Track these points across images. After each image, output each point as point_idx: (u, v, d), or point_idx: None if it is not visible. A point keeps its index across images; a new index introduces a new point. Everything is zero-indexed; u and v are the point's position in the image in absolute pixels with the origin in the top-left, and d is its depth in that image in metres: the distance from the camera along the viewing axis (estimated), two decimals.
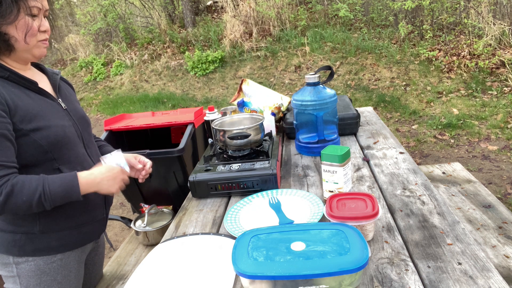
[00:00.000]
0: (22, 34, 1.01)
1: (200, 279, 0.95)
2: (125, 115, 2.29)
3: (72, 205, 1.13)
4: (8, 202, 0.96)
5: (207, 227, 1.20)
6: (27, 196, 0.97)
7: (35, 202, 0.98)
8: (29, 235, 1.09)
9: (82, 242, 1.21)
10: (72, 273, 1.20)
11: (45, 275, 1.14)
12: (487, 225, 1.77)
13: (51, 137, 1.06)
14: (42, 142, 1.04)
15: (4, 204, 0.95)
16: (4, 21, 0.98)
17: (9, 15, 0.98)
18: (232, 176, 1.35)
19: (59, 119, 1.10)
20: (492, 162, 3.27)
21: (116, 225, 3.09)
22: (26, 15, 1.01)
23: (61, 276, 1.17)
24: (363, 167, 1.48)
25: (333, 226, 0.89)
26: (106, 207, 1.28)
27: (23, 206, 0.97)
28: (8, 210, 0.97)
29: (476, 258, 0.89)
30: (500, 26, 4.98)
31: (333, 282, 0.77)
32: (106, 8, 7.86)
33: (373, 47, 5.70)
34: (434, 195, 1.20)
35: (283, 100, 1.95)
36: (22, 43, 1.03)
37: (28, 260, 1.11)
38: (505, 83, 4.49)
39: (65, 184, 1.02)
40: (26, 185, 0.98)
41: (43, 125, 1.05)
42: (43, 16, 1.07)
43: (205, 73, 6.48)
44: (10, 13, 0.98)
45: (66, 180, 1.03)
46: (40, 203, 0.98)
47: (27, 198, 0.97)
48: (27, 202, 0.97)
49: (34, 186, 0.98)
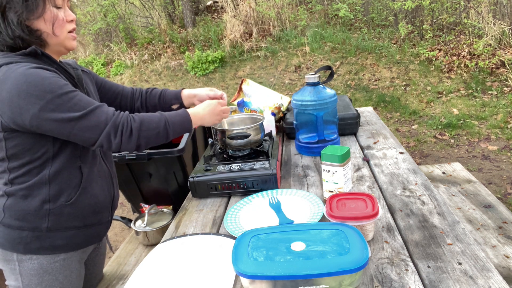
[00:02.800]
0: (50, 26, 1.03)
1: (200, 279, 0.95)
2: None
3: (82, 206, 1.14)
4: (142, 125, 1.07)
5: (207, 227, 1.20)
6: (156, 123, 1.10)
7: (162, 127, 1.11)
8: (36, 233, 1.09)
9: (86, 243, 1.21)
10: (74, 274, 1.20)
11: (47, 275, 1.14)
12: (487, 225, 1.77)
13: None
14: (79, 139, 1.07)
15: (139, 127, 1.06)
16: (33, 15, 1.00)
17: (36, 8, 1.00)
18: (232, 176, 1.35)
19: None
20: (492, 162, 3.27)
21: (116, 225, 3.09)
22: (51, 7, 1.03)
23: (62, 276, 1.17)
24: (363, 167, 1.48)
25: (333, 226, 0.89)
26: (112, 210, 1.29)
27: (153, 130, 1.09)
28: (143, 135, 1.07)
29: (476, 258, 0.89)
30: (500, 26, 4.98)
31: (333, 282, 0.77)
32: (106, 8, 7.85)
33: (373, 47, 5.70)
34: (434, 195, 1.20)
35: (283, 100, 1.95)
36: (53, 36, 1.05)
37: (32, 258, 1.11)
38: (505, 83, 4.49)
39: (180, 116, 1.17)
40: (151, 116, 1.11)
41: None
42: (67, 6, 1.09)
43: (205, 73, 6.48)
44: (37, 6, 1.00)
45: (180, 114, 1.18)
46: (165, 129, 1.11)
47: (156, 125, 1.10)
48: (156, 129, 1.10)
49: (159, 116, 1.12)
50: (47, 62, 1.05)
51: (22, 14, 0.98)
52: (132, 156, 1.74)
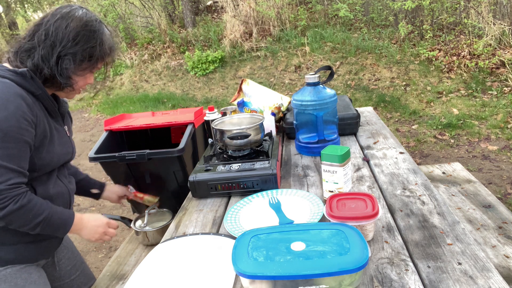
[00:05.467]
0: (83, 84, 1.15)
1: (200, 279, 0.95)
2: (125, 115, 2.29)
3: None
4: (18, 212, 1.00)
5: (207, 227, 1.20)
6: (33, 216, 1.03)
7: (35, 223, 1.04)
8: None
9: (36, 258, 1.19)
10: (34, 274, 1.17)
11: (3, 283, 1.10)
12: (487, 225, 1.77)
13: (47, 160, 1.10)
14: (37, 161, 1.08)
15: (14, 211, 0.99)
16: (82, 72, 1.11)
17: (86, 70, 1.11)
18: (232, 176, 1.35)
19: (60, 146, 1.16)
20: (492, 162, 3.27)
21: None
22: (90, 72, 1.14)
23: (21, 279, 1.13)
24: (363, 167, 1.48)
25: (333, 226, 0.89)
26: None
27: (25, 221, 1.02)
28: (10, 218, 1.00)
29: (476, 258, 0.89)
30: (500, 26, 4.98)
31: (333, 282, 0.77)
32: (106, 8, 7.85)
33: (373, 47, 5.70)
34: (434, 195, 1.20)
35: (283, 100, 1.95)
36: (74, 89, 1.13)
37: None
38: (505, 83, 4.49)
39: (63, 218, 1.12)
40: (38, 205, 1.04)
41: (47, 149, 1.10)
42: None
43: (205, 73, 6.48)
44: (86, 68, 1.11)
45: (65, 216, 1.12)
46: (37, 225, 1.05)
47: (32, 217, 1.03)
48: (30, 220, 1.03)
49: (42, 209, 1.05)
50: (33, 86, 1.05)
51: (74, 69, 1.08)
52: (132, 156, 1.74)
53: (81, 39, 1.06)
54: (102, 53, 1.11)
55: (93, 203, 3.52)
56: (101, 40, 1.10)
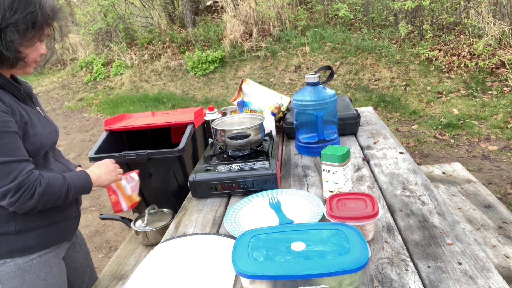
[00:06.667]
0: (34, 55, 1.09)
1: (200, 279, 0.95)
2: (125, 115, 2.29)
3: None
4: (46, 190, 1.05)
5: (207, 227, 1.21)
6: (60, 186, 1.09)
7: (65, 191, 1.10)
8: (5, 236, 1.09)
9: (58, 240, 1.22)
10: (55, 269, 1.20)
11: (27, 274, 1.13)
12: (487, 225, 1.77)
13: (37, 143, 1.11)
14: (29, 147, 1.09)
15: (43, 191, 1.04)
16: (28, 43, 1.05)
17: (32, 39, 1.05)
18: (232, 176, 1.35)
19: (42, 127, 1.16)
20: (492, 162, 3.27)
21: (116, 225, 3.09)
22: (39, 41, 1.08)
23: (43, 272, 1.16)
24: (363, 167, 1.48)
25: (333, 226, 0.89)
26: (77, 205, 1.31)
27: (57, 194, 1.09)
28: (45, 199, 1.06)
29: (476, 258, 0.89)
30: (500, 26, 4.98)
31: (333, 282, 0.77)
32: (106, 8, 7.86)
33: (373, 47, 5.70)
34: (434, 195, 1.20)
35: (283, 100, 1.95)
36: (26, 62, 1.08)
37: (7, 262, 1.11)
38: (505, 83, 4.49)
39: (82, 179, 1.18)
40: (56, 178, 1.10)
41: (32, 133, 1.10)
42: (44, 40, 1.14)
43: (205, 73, 6.48)
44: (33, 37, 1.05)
45: (82, 177, 1.18)
46: (68, 192, 1.11)
47: (60, 188, 1.09)
48: (59, 192, 1.09)
49: (62, 179, 1.11)
50: None
51: (20, 39, 1.02)
52: (132, 156, 1.74)
53: (18, 6, 1.00)
54: (45, 16, 1.05)
55: (93, 203, 3.52)
56: (40, 3, 1.03)
